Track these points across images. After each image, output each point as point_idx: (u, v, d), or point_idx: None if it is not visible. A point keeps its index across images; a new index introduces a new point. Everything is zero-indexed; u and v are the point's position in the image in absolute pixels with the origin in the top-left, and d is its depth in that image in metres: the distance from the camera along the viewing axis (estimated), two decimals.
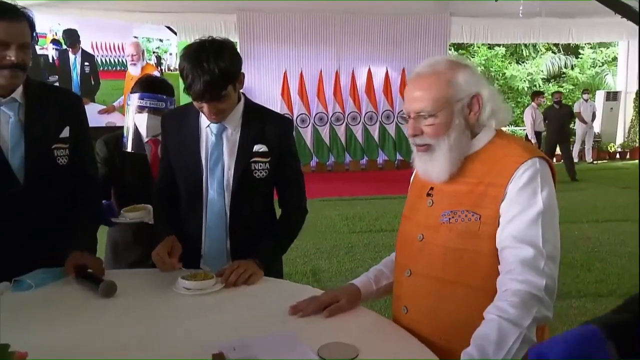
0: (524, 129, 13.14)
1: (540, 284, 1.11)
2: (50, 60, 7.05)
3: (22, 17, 1.50)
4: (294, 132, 1.88)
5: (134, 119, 2.05)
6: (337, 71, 9.59)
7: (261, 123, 1.71)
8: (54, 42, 7.07)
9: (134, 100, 2.05)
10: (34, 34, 1.57)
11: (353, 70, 9.63)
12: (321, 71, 9.52)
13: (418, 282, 1.32)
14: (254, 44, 9.37)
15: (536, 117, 8.94)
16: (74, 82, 7.16)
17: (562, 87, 15.07)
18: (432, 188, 1.34)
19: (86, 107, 5.58)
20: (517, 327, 1.07)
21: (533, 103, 9.11)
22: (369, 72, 9.65)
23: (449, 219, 1.26)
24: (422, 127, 1.27)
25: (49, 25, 7.04)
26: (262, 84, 9.48)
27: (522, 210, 1.17)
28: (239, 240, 1.72)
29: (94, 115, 7.11)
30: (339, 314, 1.36)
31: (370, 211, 6.18)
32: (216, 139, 1.69)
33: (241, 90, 1.70)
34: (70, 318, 1.38)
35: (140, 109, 2.04)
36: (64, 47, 7.16)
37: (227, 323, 1.35)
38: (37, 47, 6.84)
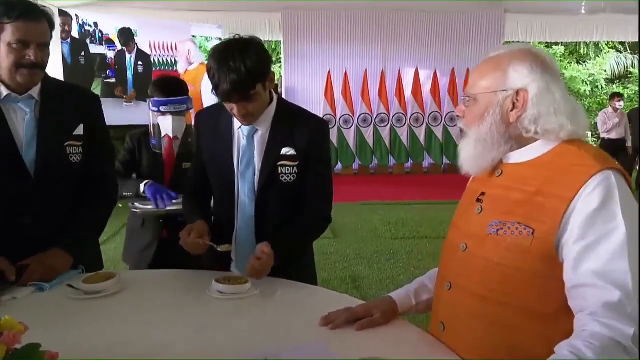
0: None
1: (628, 333, 0.98)
2: (107, 61, 7.29)
3: (42, 17, 1.54)
4: (330, 136, 1.80)
5: (158, 121, 2.32)
6: (382, 71, 9.51)
7: (292, 124, 1.67)
8: (108, 42, 7.29)
9: (156, 106, 2.30)
10: (52, 33, 1.59)
11: (399, 70, 9.51)
12: (366, 71, 9.45)
13: (458, 298, 1.24)
14: (298, 43, 9.40)
15: (605, 122, 8.37)
16: (128, 81, 7.38)
17: (627, 88, 14.41)
18: (483, 193, 1.25)
19: (136, 106, 5.67)
20: None
21: (610, 106, 8.60)
22: (416, 72, 9.51)
23: (497, 230, 1.16)
24: (465, 110, 1.25)
25: (113, 24, 7.27)
26: (305, 84, 9.49)
27: (600, 239, 1.04)
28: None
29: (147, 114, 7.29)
30: (372, 327, 1.32)
31: (414, 217, 6.08)
32: (247, 142, 1.68)
33: (283, 90, 1.70)
34: (101, 319, 1.40)
35: (163, 113, 2.29)
36: (121, 46, 7.33)
37: (261, 330, 1.34)
38: (91, 46, 7.04)
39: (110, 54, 7.25)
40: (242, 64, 1.48)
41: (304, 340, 1.26)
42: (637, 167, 8.74)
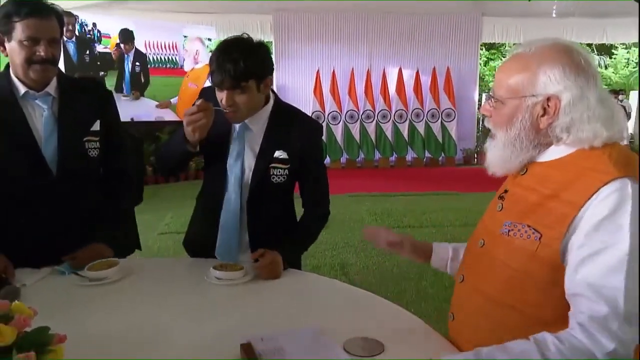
0: None
1: (607, 348, 0.91)
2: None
3: (51, 14, 1.53)
4: (322, 136, 1.78)
5: None
6: (368, 70, 9.50)
7: (287, 128, 1.65)
8: (90, 41, 7.19)
9: None
10: (64, 29, 1.59)
11: (384, 69, 9.51)
12: (353, 69, 9.43)
13: (467, 292, 1.18)
14: (289, 43, 9.36)
15: None
16: (125, 79, 7.45)
17: None
18: (506, 191, 1.17)
19: (137, 102, 5.77)
20: None
21: None
22: (400, 71, 9.52)
23: (509, 230, 1.09)
24: (492, 110, 1.13)
25: (112, 25, 7.27)
26: (295, 82, 9.47)
27: (601, 250, 0.94)
28: (258, 240, 1.67)
29: (145, 109, 7.49)
30: (396, 252, 1.40)
31: (398, 207, 6.10)
32: (238, 136, 1.65)
33: (274, 89, 1.67)
34: (105, 304, 1.40)
35: None
36: (118, 44, 7.34)
37: (256, 313, 1.34)
38: (97, 46, 7.11)
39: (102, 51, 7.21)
40: (242, 60, 1.46)
41: (297, 322, 1.27)
42: None
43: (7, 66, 1.58)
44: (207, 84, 7.38)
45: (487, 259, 1.14)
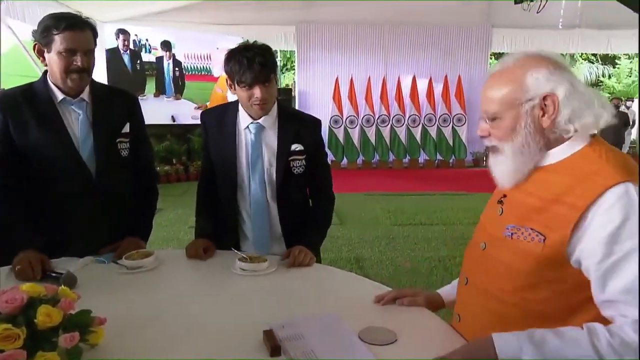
0: None
1: None
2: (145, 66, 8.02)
3: (87, 27, 1.55)
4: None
5: None
6: (384, 77, 9.45)
7: (296, 125, 1.72)
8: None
9: None
10: (97, 41, 1.61)
11: (399, 77, 9.45)
12: (369, 77, 9.40)
13: (472, 293, 1.16)
14: (310, 52, 9.37)
15: None
16: (166, 83, 8.16)
17: None
18: (504, 196, 1.13)
19: (177, 102, 6.91)
20: (594, 353, 0.89)
21: None
22: (414, 79, 9.44)
23: (512, 234, 1.05)
24: (490, 128, 1.09)
25: (160, 38, 8.05)
26: (316, 88, 9.47)
27: (624, 257, 0.91)
28: (287, 225, 1.76)
29: (184, 109, 8.30)
30: (410, 305, 1.28)
31: (411, 206, 6.06)
32: (255, 138, 1.69)
33: (296, 94, 1.72)
34: (141, 290, 1.42)
35: None
36: (160, 54, 8.08)
37: (277, 302, 1.35)
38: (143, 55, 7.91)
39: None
40: (265, 55, 1.55)
41: (316, 311, 1.27)
42: None
43: (45, 73, 1.60)
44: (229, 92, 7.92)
45: (490, 261, 1.11)
